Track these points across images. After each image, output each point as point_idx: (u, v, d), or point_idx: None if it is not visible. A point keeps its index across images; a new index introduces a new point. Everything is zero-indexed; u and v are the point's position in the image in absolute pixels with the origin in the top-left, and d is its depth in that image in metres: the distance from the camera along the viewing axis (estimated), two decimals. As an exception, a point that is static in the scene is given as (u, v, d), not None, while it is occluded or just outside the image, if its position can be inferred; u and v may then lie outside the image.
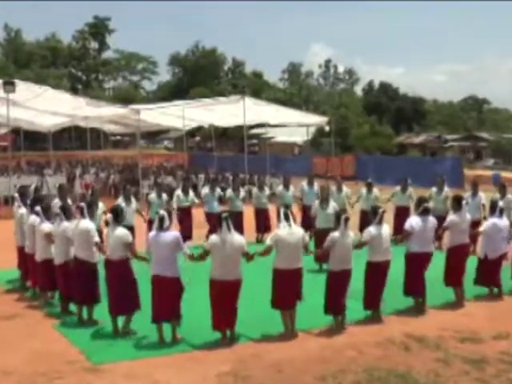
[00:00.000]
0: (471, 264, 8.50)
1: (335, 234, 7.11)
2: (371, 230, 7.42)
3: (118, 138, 57.92)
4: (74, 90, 45.34)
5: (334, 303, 7.06)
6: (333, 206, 10.21)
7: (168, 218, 6.70)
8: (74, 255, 7.39)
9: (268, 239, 7.01)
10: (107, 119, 25.10)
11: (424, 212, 7.89)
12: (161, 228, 6.65)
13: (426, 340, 6.68)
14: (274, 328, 6.97)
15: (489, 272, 8.44)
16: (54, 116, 22.34)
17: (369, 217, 7.83)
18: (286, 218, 6.96)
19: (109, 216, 7.10)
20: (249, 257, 6.72)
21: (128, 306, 6.88)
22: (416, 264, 7.74)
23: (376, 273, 7.35)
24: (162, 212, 6.77)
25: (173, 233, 6.72)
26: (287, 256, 6.79)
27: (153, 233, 6.72)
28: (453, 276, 8.20)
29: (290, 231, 6.89)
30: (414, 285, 7.75)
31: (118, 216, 7.02)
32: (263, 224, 13.20)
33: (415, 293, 7.83)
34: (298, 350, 6.45)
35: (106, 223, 7.11)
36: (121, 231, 6.92)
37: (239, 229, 7.23)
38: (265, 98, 43.24)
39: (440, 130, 56.30)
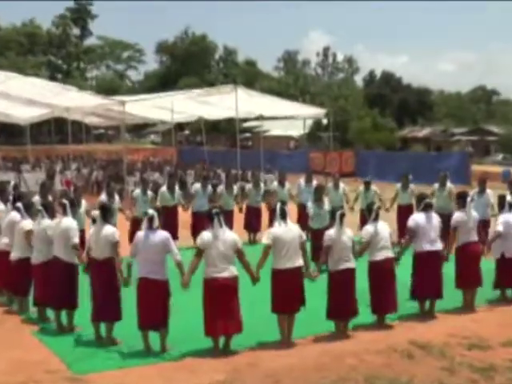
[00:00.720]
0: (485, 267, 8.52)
1: (331, 232, 7.17)
2: (368, 228, 7.52)
3: (102, 131, 57.76)
4: (53, 80, 45.04)
5: (338, 307, 7.09)
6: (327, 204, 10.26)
7: (157, 218, 6.71)
8: (54, 255, 7.37)
9: (264, 238, 7.03)
10: (89, 111, 25.03)
11: (426, 208, 7.95)
12: (150, 228, 6.67)
13: (430, 347, 6.70)
14: (270, 335, 6.97)
15: (509, 272, 8.44)
16: (32, 107, 22.23)
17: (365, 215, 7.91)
18: (282, 215, 6.99)
19: (96, 213, 7.11)
20: (254, 278, 6.70)
21: (111, 313, 6.85)
22: (424, 264, 7.77)
23: (379, 272, 7.39)
24: (152, 211, 6.78)
25: (162, 233, 6.72)
26: (285, 254, 6.81)
27: (141, 232, 6.73)
28: (463, 278, 8.23)
29: (286, 228, 6.93)
30: (422, 287, 7.79)
31: (106, 213, 7.04)
32: (255, 223, 13.26)
33: (422, 296, 7.85)
34: (295, 358, 6.46)
35: (94, 221, 7.12)
36: (109, 229, 6.93)
37: (229, 227, 7.25)
38: (259, 89, 43.22)
39: (447, 123, 56.47)
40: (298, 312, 6.97)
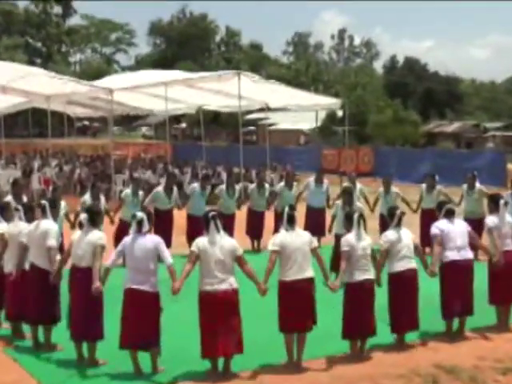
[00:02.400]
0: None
1: (349, 237, 7.19)
2: (388, 234, 7.53)
3: (86, 123, 57.96)
4: (31, 65, 45.18)
5: (354, 324, 7.07)
6: (359, 208, 10.16)
7: (147, 221, 6.74)
8: (31, 262, 7.36)
9: (269, 245, 7.03)
10: (72, 100, 25.06)
11: (448, 214, 7.98)
12: (139, 232, 6.69)
13: (459, 371, 6.65)
14: (276, 355, 6.94)
15: None
16: (6, 95, 22.28)
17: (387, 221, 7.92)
18: (290, 221, 7.00)
19: (83, 216, 7.11)
20: (262, 289, 6.67)
21: (93, 330, 6.83)
22: (451, 275, 7.74)
23: (399, 285, 7.37)
24: (141, 214, 6.81)
25: (153, 237, 6.74)
26: (294, 264, 6.81)
27: (129, 237, 6.74)
28: (497, 292, 8.18)
29: (294, 234, 6.94)
30: (449, 303, 7.76)
31: (95, 217, 7.06)
32: (258, 229, 13.26)
33: (450, 313, 7.80)
34: (304, 383, 6.43)
35: (80, 225, 7.13)
36: (95, 234, 6.95)
37: (229, 234, 7.24)
38: (265, 76, 43.36)
39: (479, 116, 56.40)
40: (310, 331, 6.94)
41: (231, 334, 6.47)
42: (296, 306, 6.80)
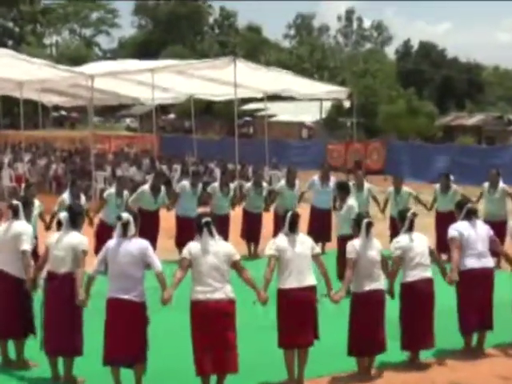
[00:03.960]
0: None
1: (356, 243, 7.20)
2: (400, 239, 7.53)
3: (63, 113, 57.81)
4: (2, 46, 45.11)
5: (361, 339, 7.05)
6: (349, 206, 10.21)
7: (134, 223, 6.72)
8: (0, 269, 7.30)
9: (267, 249, 7.05)
10: (48, 87, 25.00)
11: (469, 215, 7.98)
12: (124, 236, 6.68)
13: (479, 392, 6.73)
14: (275, 374, 6.91)
15: None
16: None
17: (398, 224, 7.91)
18: (292, 226, 7.01)
19: (64, 215, 7.09)
20: (262, 297, 6.67)
21: (71, 345, 6.77)
22: (469, 285, 7.71)
23: (413, 297, 7.35)
24: (126, 215, 6.78)
25: (141, 242, 6.71)
26: (294, 271, 6.82)
27: (113, 241, 6.72)
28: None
29: (294, 239, 6.94)
30: (469, 316, 7.73)
31: (76, 217, 7.03)
32: (254, 232, 13.24)
33: (468, 327, 7.78)
34: (305, 404, 6.50)
35: (59, 225, 7.11)
36: (76, 237, 6.94)
37: (224, 237, 7.24)
38: (264, 62, 43.33)
39: (502, 108, 56.42)
40: (311, 346, 6.89)
41: (225, 349, 6.42)
42: (296, 317, 6.77)
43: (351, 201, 10.40)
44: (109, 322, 6.56)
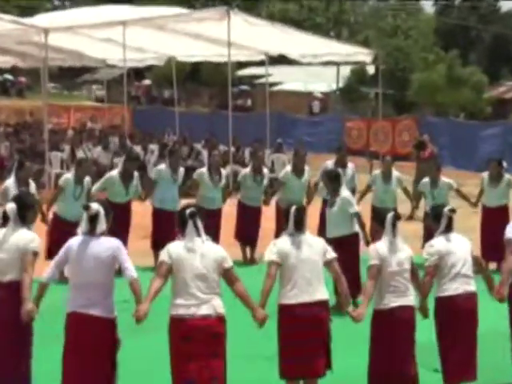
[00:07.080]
0: None
1: (381, 245, 6.99)
2: (435, 243, 7.27)
3: (9, 77, 57.63)
4: None
5: (384, 368, 6.79)
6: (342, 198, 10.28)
7: (105, 217, 6.50)
8: None
9: (267, 254, 6.84)
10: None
11: None
12: (92, 232, 6.47)
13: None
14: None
15: None
16: None
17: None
18: (298, 224, 6.85)
19: (10, 207, 6.88)
20: (258, 315, 6.53)
21: (19, 372, 6.67)
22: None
23: (451, 316, 7.10)
24: (97, 206, 6.51)
25: (111, 241, 6.46)
26: (299, 281, 6.72)
27: (76, 240, 6.48)
28: None
29: (300, 241, 6.84)
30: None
31: (25, 211, 6.93)
32: (251, 230, 13.18)
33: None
34: None
35: (4, 219, 6.92)
36: (25, 235, 6.78)
37: (214, 238, 7.23)
38: (266, 16, 43.24)
39: None
40: (322, 377, 6.74)
41: (213, 377, 6.27)
42: (302, 341, 6.62)
43: (345, 192, 10.33)
44: (68, 344, 6.34)
